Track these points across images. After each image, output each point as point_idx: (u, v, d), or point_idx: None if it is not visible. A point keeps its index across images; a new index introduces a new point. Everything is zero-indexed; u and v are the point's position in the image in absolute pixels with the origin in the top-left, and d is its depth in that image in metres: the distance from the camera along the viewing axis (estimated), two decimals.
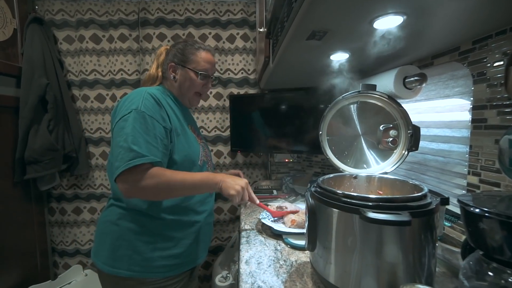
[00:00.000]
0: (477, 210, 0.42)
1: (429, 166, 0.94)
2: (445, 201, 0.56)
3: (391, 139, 0.84)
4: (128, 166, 0.70)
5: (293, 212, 1.01)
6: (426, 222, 0.50)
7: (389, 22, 0.59)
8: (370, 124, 0.89)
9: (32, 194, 1.61)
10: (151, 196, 0.78)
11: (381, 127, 0.86)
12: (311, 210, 0.60)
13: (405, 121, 0.83)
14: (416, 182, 0.63)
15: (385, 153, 0.87)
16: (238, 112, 1.64)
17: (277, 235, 0.93)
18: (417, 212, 0.48)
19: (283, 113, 1.52)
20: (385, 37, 0.68)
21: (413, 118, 0.83)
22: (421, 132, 0.83)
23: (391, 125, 0.85)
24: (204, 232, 0.95)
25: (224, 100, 1.70)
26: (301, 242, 0.84)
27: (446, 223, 0.80)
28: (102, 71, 1.67)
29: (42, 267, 1.67)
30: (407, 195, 0.53)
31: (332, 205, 0.55)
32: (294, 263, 0.76)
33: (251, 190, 0.86)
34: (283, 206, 1.05)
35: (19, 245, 1.54)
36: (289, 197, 1.38)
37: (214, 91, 1.69)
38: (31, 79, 1.46)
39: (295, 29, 0.66)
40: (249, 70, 1.70)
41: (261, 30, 1.22)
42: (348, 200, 0.52)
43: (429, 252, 0.51)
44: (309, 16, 0.58)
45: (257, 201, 0.89)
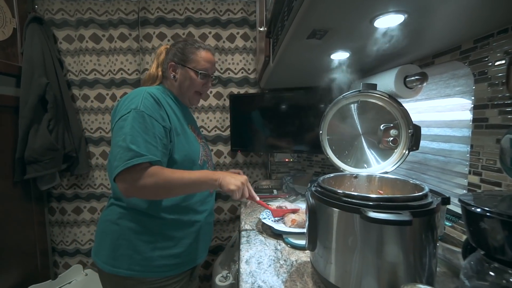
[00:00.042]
0: (478, 210, 0.42)
1: (429, 166, 0.93)
2: (446, 200, 0.55)
3: (391, 138, 0.84)
4: (126, 166, 0.70)
5: (293, 210, 1.01)
6: (427, 221, 0.50)
7: (390, 20, 0.58)
8: (371, 124, 0.89)
9: (32, 194, 1.61)
10: (151, 195, 0.78)
11: (381, 127, 0.86)
12: (311, 209, 0.59)
13: (405, 120, 0.83)
14: (417, 182, 0.63)
15: (385, 152, 0.87)
16: (238, 111, 1.64)
17: (277, 235, 0.93)
18: (418, 212, 0.48)
19: (283, 112, 1.52)
20: (386, 36, 0.68)
21: (414, 118, 0.83)
22: (422, 131, 0.83)
23: (392, 125, 0.85)
24: (204, 232, 0.95)
25: (224, 100, 1.70)
26: (301, 242, 0.84)
27: (447, 223, 0.80)
28: (102, 70, 1.67)
29: (42, 266, 1.67)
30: (407, 194, 0.53)
31: (333, 205, 0.54)
32: (294, 262, 0.75)
33: (251, 187, 0.86)
34: (283, 206, 1.05)
35: (20, 244, 1.54)
36: (289, 196, 1.38)
37: (214, 90, 1.68)
38: (31, 79, 1.46)
39: (296, 28, 0.65)
40: (249, 69, 1.70)
41: (261, 29, 1.21)
42: (349, 200, 0.52)
43: (430, 252, 0.51)
44: (309, 15, 0.58)
45: (257, 198, 0.89)
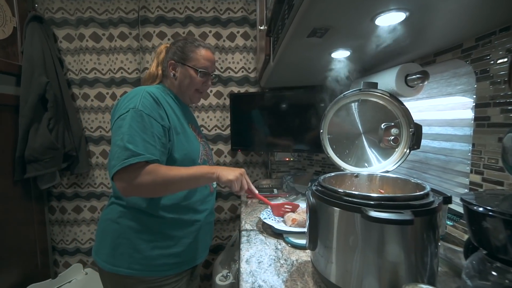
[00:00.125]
0: (480, 209, 0.42)
1: (431, 165, 0.93)
2: (447, 200, 0.55)
3: (392, 137, 0.83)
4: (123, 165, 0.71)
5: (291, 204, 1.01)
6: (429, 221, 0.50)
7: (391, 18, 0.58)
8: (372, 123, 0.88)
9: (33, 193, 1.61)
10: (149, 193, 0.78)
11: (382, 126, 0.85)
12: (312, 209, 0.59)
13: (406, 119, 0.82)
14: (418, 181, 0.62)
15: (386, 151, 0.87)
16: (238, 110, 1.63)
17: (277, 234, 0.93)
18: (419, 211, 0.48)
19: (283, 111, 1.52)
20: (387, 34, 0.68)
21: (415, 116, 0.83)
22: (423, 130, 0.82)
23: (393, 123, 0.84)
24: (205, 231, 0.95)
25: (225, 99, 1.70)
26: (302, 241, 0.84)
27: (448, 222, 0.79)
28: (102, 69, 1.67)
29: (43, 265, 1.67)
30: (409, 194, 0.52)
31: (334, 204, 0.54)
32: (295, 262, 0.75)
33: (249, 180, 0.87)
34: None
35: (20, 243, 1.54)
36: (290, 196, 1.38)
37: (214, 89, 1.68)
38: (31, 78, 1.46)
39: (296, 26, 0.65)
40: (249, 68, 1.69)
41: (261, 28, 1.21)
42: (350, 199, 0.52)
43: (432, 251, 0.51)
44: (310, 13, 0.57)
45: (255, 191, 0.90)
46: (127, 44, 1.65)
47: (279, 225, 0.93)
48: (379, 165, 0.87)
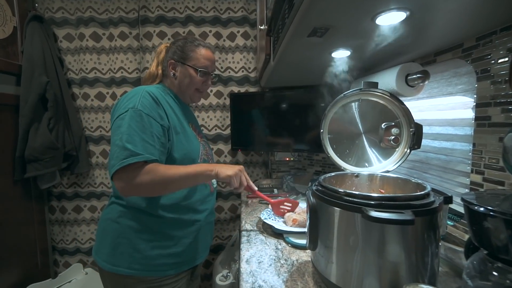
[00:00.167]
0: (481, 209, 0.41)
1: (431, 165, 0.93)
2: (448, 199, 0.55)
3: (393, 137, 0.83)
4: (122, 165, 0.70)
5: (291, 202, 1.01)
6: (429, 221, 0.50)
7: (392, 18, 0.58)
8: (372, 122, 0.88)
9: (33, 193, 1.61)
10: (148, 193, 0.78)
11: (383, 125, 0.85)
12: (312, 209, 0.59)
13: (407, 119, 0.82)
14: (419, 181, 0.62)
15: (387, 151, 0.87)
16: (238, 110, 1.63)
17: (278, 234, 0.93)
18: (420, 211, 0.48)
19: (284, 111, 1.52)
20: (387, 34, 0.68)
21: (416, 116, 0.82)
22: (424, 130, 0.82)
23: (393, 123, 0.84)
24: (205, 231, 0.94)
25: (225, 99, 1.70)
26: (302, 241, 0.84)
27: (449, 222, 0.79)
28: (102, 69, 1.66)
29: (43, 265, 1.67)
30: (409, 193, 0.52)
31: (334, 204, 0.54)
32: (295, 262, 0.75)
33: (248, 176, 0.87)
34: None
35: (20, 243, 1.54)
36: (290, 195, 1.38)
37: (214, 89, 1.68)
38: (31, 77, 1.46)
39: (296, 26, 0.65)
40: (249, 68, 1.69)
41: (261, 27, 1.21)
42: (350, 199, 0.52)
43: (432, 251, 0.50)
44: (310, 13, 0.57)
45: (255, 188, 0.90)
46: (127, 43, 1.64)
47: (280, 225, 0.93)
48: (380, 165, 0.87)
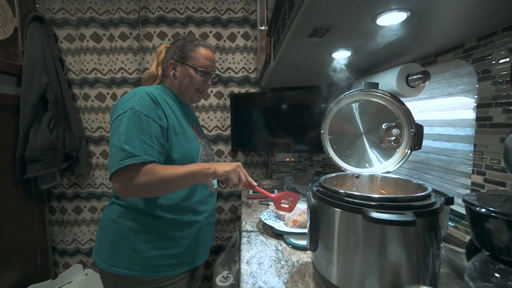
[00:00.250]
0: (483, 210, 0.41)
1: (432, 165, 0.92)
2: (449, 200, 0.55)
3: (393, 138, 0.83)
4: (119, 166, 0.70)
5: (292, 195, 0.98)
6: (431, 222, 0.49)
7: (392, 18, 0.58)
8: (373, 123, 0.88)
9: (33, 193, 1.61)
10: (146, 193, 0.78)
11: (383, 126, 0.85)
12: (313, 209, 0.59)
13: (408, 119, 0.82)
14: (420, 182, 0.62)
15: (387, 152, 0.87)
16: (239, 111, 1.63)
17: (278, 235, 0.92)
18: (421, 212, 0.47)
19: (284, 112, 1.51)
20: (388, 34, 0.67)
21: (416, 117, 0.82)
22: (424, 130, 0.82)
23: (394, 124, 0.84)
24: (205, 233, 0.94)
25: (225, 99, 1.70)
26: (302, 242, 0.84)
27: (450, 223, 0.79)
28: (103, 69, 1.67)
29: (43, 266, 1.67)
30: (410, 194, 0.52)
31: (335, 205, 0.54)
32: (295, 263, 0.75)
33: (246, 172, 0.87)
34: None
35: (20, 244, 1.54)
36: None
37: (214, 90, 1.68)
38: (32, 78, 1.46)
39: (297, 26, 0.65)
40: (250, 68, 1.69)
41: (262, 28, 1.21)
42: (351, 200, 0.51)
43: (434, 252, 0.50)
44: (310, 13, 0.57)
45: (254, 183, 0.90)
46: (128, 44, 1.65)
47: (280, 226, 0.93)
48: (380, 165, 0.87)
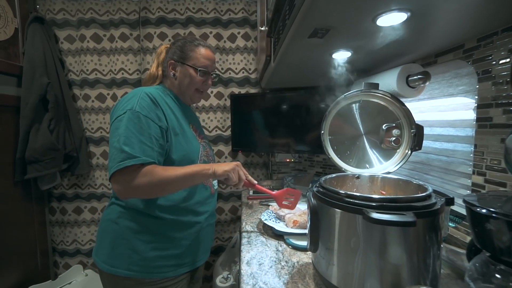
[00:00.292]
0: (484, 211, 0.41)
1: (432, 166, 0.92)
2: (450, 201, 0.55)
3: (394, 138, 0.83)
4: (118, 167, 0.70)
5: (294, 192, 0.98)
6: (431, 222, 0.49)
7: (392, 19, 0.58)
8: (373, 123, 0.88)
9: (33, 194, 1.61)
10: (145, 194, 0.78)
11: (383, 126, 0.85)
12: (313, 210, 0.59)
13: (408, 120, 0.82)
14: (420, 182, 0.62)
15: (388, 152, 0.86)
16: (239, 111, 1.63)
17: (278, 236, 0.92)
18: (421, 213, 0.47)
19: (284, 112, 1.51)
20: (388, 35, 0.67)
21: (416, 117, 0.82)
22: (425, 131, 0.82)
23: (394, 124, 0.84)
24: (205, 234, 0.94)
25: (225, 100, 1.70)
26: (303, 243, 0.84)
27: (450, 224, 0.79)
28: (103, 70, 1.67)
29: (43, 266, 1.67)
30: (411, 195, 0.52)
31: (335, 205, 0.54)
32: (296, 264, 0.75)
33: (246, 171, 0.87)
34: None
35: (20, 244, 1.54)
36: None
37: (215, 90, 1.68)
38: (32, 79, 1.46)
39: (297, 27, 0.65)
40: (250, 69, 1.69)
41: (262, 28, 1.21)
42: (351, 200, 0.51)
43: (434, 253, 0.50)
44: (311, 14, 0.57)
45: (254, 181, 0.90)
46: (128, 45, 1.65)
47: (280, 227, 0.93)
48: (381, 166, 0.87)
